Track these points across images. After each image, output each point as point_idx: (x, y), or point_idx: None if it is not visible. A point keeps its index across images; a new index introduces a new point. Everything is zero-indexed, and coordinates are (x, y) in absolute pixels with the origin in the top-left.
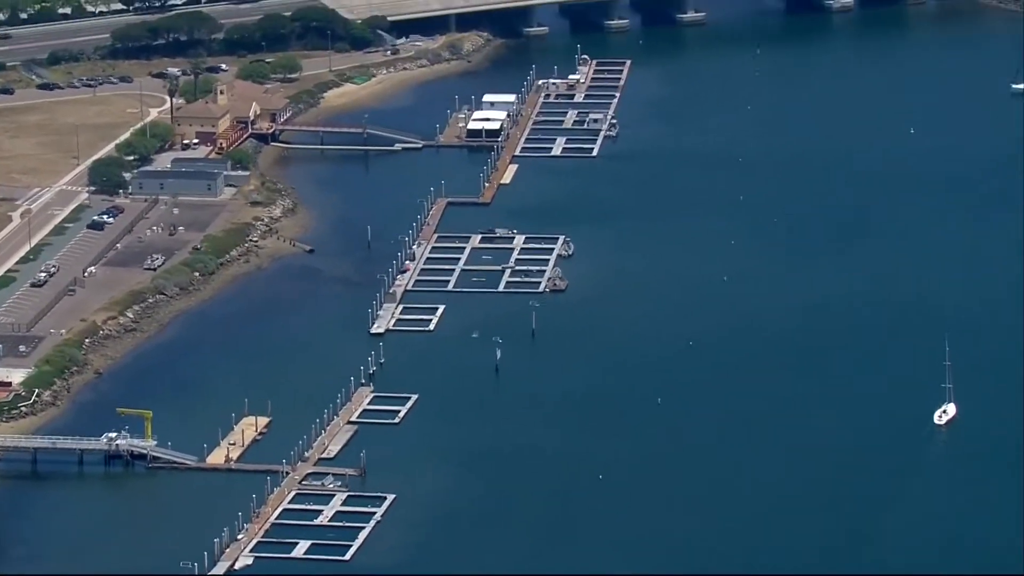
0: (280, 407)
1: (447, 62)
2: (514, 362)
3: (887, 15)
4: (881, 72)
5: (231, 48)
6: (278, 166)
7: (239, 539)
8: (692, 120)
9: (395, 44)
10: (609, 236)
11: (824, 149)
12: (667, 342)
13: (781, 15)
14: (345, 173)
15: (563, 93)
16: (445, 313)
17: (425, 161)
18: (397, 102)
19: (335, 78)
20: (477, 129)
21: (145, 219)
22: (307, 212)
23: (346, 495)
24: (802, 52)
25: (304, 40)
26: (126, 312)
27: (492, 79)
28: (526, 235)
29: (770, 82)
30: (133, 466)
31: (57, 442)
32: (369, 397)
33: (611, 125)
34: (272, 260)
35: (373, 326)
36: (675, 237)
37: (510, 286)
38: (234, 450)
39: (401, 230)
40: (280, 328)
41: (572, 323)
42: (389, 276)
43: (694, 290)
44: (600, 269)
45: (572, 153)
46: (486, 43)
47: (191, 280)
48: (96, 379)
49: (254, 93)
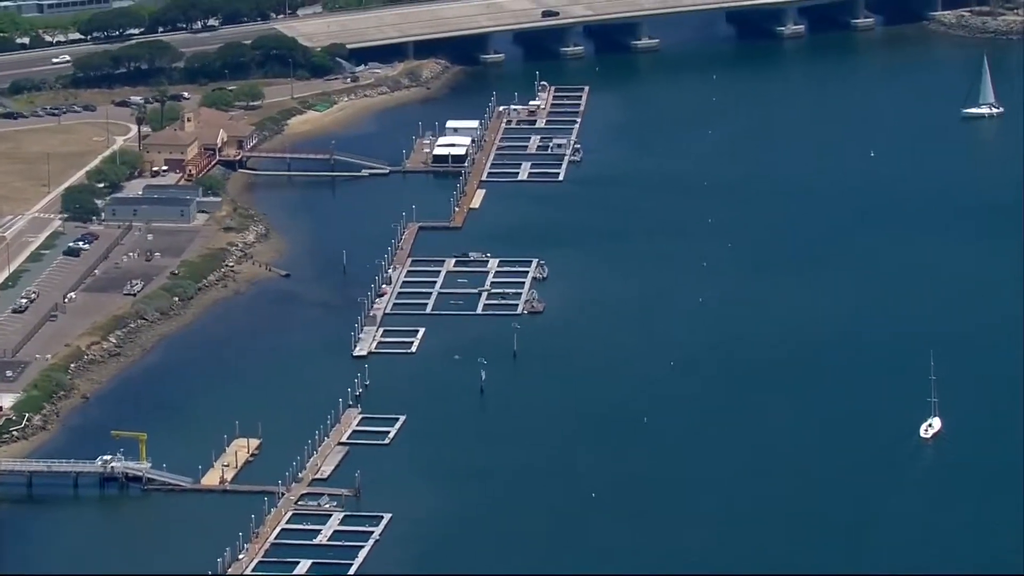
0: (270, 429)
1: (407, 89)
2: (498, 383)
3: (836, 40)
4: (834, 97)
5: (192, 76)
6: (247, 192)
7: (240, 559)
8: (654, 145)
9: (354, 71)
10: (582, 259)
11: (789, 172)
12: (648, 362)
13: (733, 41)
14: (314, 199)
15: (525, 119)
16: (426, 336)
17: (392, 187)
18: (360, 128)
19: (297, 105)
20: (443, 155)
21: (120, 245)
22: (280, 237)
23: (343, 515)
24: (757, 78)
25: (264, 68)
26: (109, 337)
27: (452, 106)
28: (499, 259)
29: (728, 107)
30: (128, 488)
31: (52, 465)
32: (357, 418)
33: (575, 150)
34: (249, 285)
35: (355, 349)
36: (647, 260)
37: (488, 308)
38: (228, 471)
39: (375, 255)
40: (263, 351)
41: (552, 344)
42: (368, 299)
43: (671, 311)
44: (576, 291)
45: (538, 178)
46: (444, 70)
47: (171, 305)
48: (84, 403)
49: (220, 120)
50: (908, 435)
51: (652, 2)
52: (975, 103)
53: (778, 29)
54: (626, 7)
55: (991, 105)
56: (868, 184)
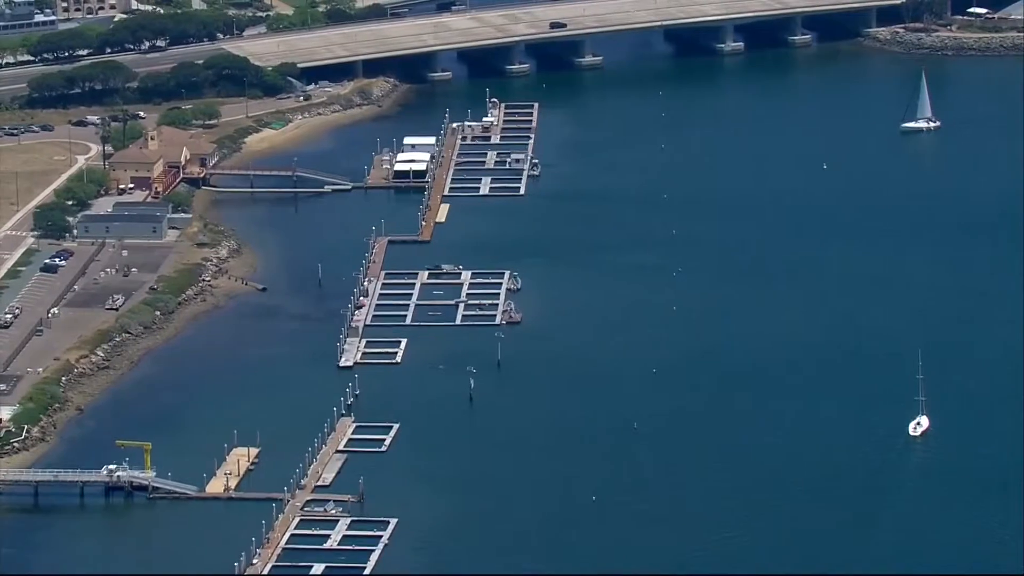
0: (267, 438)
1: (359, 107)
2: (485, 391)
3: (774, 57)
4: (777, 112)
5: (146, 96)
6: (213, 209)
7: (254, 563)
8: (609, 159)
9: (305, 90)
10: (552, 271)
11: (744, 185)
12: (631, 369)
13: (672, 58)
14: (279, 215)
15: (479, 135)
16: (408, 346)
17: (355, 202)
18: (316, 146)
19: (253, 124)
20: (404, 170)
21: (96, 261)
22: (252, 253)
23: (349, 520)
24: (701, 93)
25: (217, 87)
26: (96, 351)
27: (404, 123)
28: (472, 271)
29: (677, 122)
30: (133, 497)
31: (59, 475)
32: (352, 427)
33: (533, 165)
34: (227, 299)
35: (341, 359)
36: (617, 270)
37: (466, 319)
38: (231, 480)
39: (347, 268)
40: (250, 363)
41: (534, 353)
42: (349, 312)
43: (647, 320)
44: (551, 302)
45: (500, 192)
46: (394, 88)
47: (154, 319)
48: (79, 415)
49: (181, 139)
50: (897, 433)
51: (594, 20)
52: (913, 117)
53: (718, 46)
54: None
55: (929, 119)
56: (822, 196)
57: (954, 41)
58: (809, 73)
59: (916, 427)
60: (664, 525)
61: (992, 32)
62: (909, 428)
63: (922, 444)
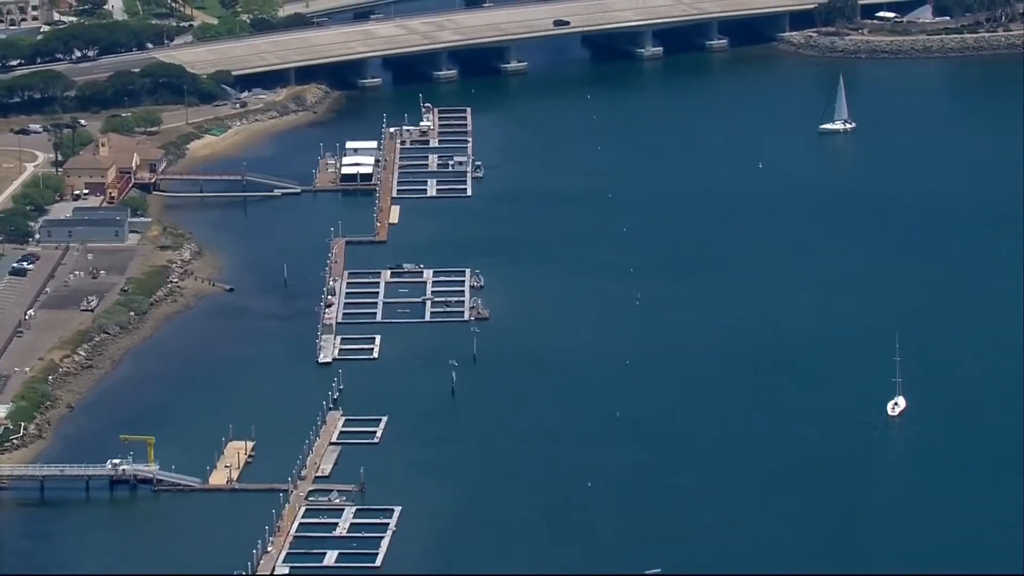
0: (261, 432)
1: (295, 113)
2: (465, 384)
3: (692, 62)
4: (701, 114)
5: (84, 104)
6: (166, 213)
7: (268, 551)
8: (549, 161)
9: (240, 97)
10: (511, 269)
11: (685, 185)
12: (604, 361)
13: (591, 63)
14: (233, 218)
15: (417, 139)
16: (383, 342)
17: (305, 205)
18: (258, 151)
19: (194, 130)
20: (351, 173)
21: (63, 265)
22: (213, 255)
23: (355, 508)
24: (627, 96)
25: (154, 95)
26: (78, 351)
27: (339, 128)
28: (434, 269)
29: (608, 125)
30: (137, 490)
31: (65, 469)
32: (342, 420)
33: (476, 167)
34: (197, 299)
35: (319, 356)
36: (575, 267)
37: (435, 316)
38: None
39: (309, 268)
40: (231, 360)
41: (507, 347)
42: (321, 310)
43: (613, 314)
44: (515, 298)
45: (447, 194)
46: (326, 95)
47: (129, 319)
48: (70, 412)
49: (130, 145)
50: (876, 414)
51: (517, 27)
52: (831, 119)
53: (637, 51)
54: (494, 32)
55: (845, 121)
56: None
57: (867, 44)
58: (728, 76)
59: (894, 407)
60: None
61: (903, 35)
62: (887, 408)
63: (900, 423)
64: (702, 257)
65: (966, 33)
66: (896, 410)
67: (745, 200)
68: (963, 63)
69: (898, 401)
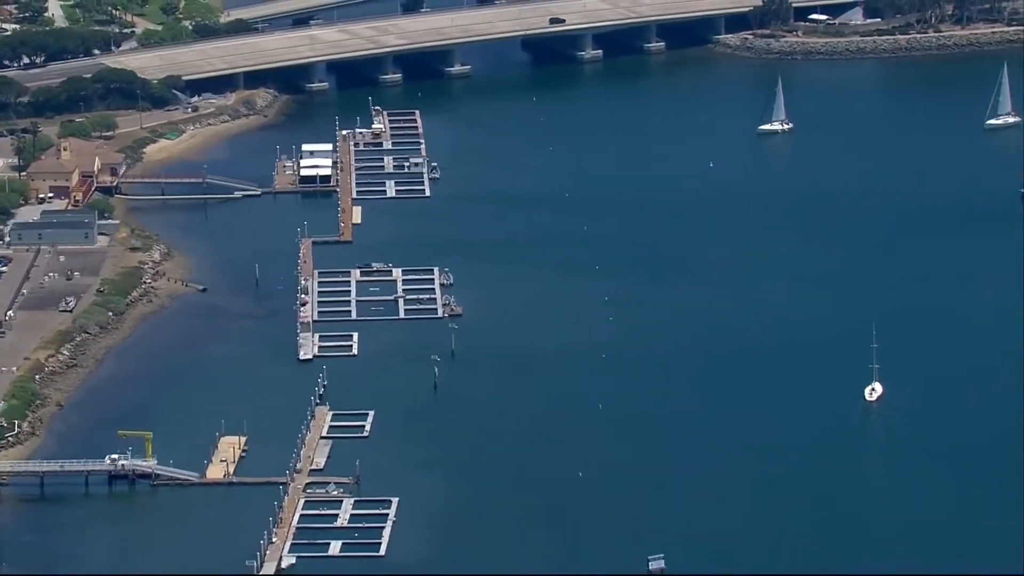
0: (251, 427)
1: (246, 117)
2: (446, 379)
3: (631, 64)
4: (646, 115)
5: (39, 110)
6: (130, 216)
7: (274, 542)
8: (503, 162)
9: (191, 102)
10: (478, 267)
11: (639, 184)
12: (580, 355)
13: (533, 66)
14: (196, 220)
15: (370, 141)
16: (361, 339)
17: (265, 206)
18: (214, 154)
19: (149, 134)
20: (310, 175)
21: (36, 267)
22: (183, 256)
23: (353, 500)
24: (570, 98)
25: (107, 100)
26: (62, 350)
27: (290, 131)
28: (402, 268)
29: (556, 126)
30: (136, 485)
31: (65, 465)
32: (330, 415)
33: (432, 168)
34: (171, 299)
35: (300, 353)
36: (541, 265)
37: (409, 313)
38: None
39: (278, 268)
40: (212, 358)
41: (484, 343)
42: (298, 309)
43: (583, 309)
44: (485, 295)
45: (406, 194)
46: (275, 99)
47: (108, 319)
48: (60, 410)
49: (90, 149)
50: (855, 399)
51: (459, 31)
52: (769, 120)
53: (578, 54)
54: (437, 36)
55: (783, 121)
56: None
57: (802, 46)
58: (667, 78)
59: (871, 392)
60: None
61: (836, 37)
62: (865, 393)
63: (878, 407)
64: (665, 255)
65: (898, 34)
66: (874, 395)
67: (698, 199)
68: (896, 63)
69: (875, 387)
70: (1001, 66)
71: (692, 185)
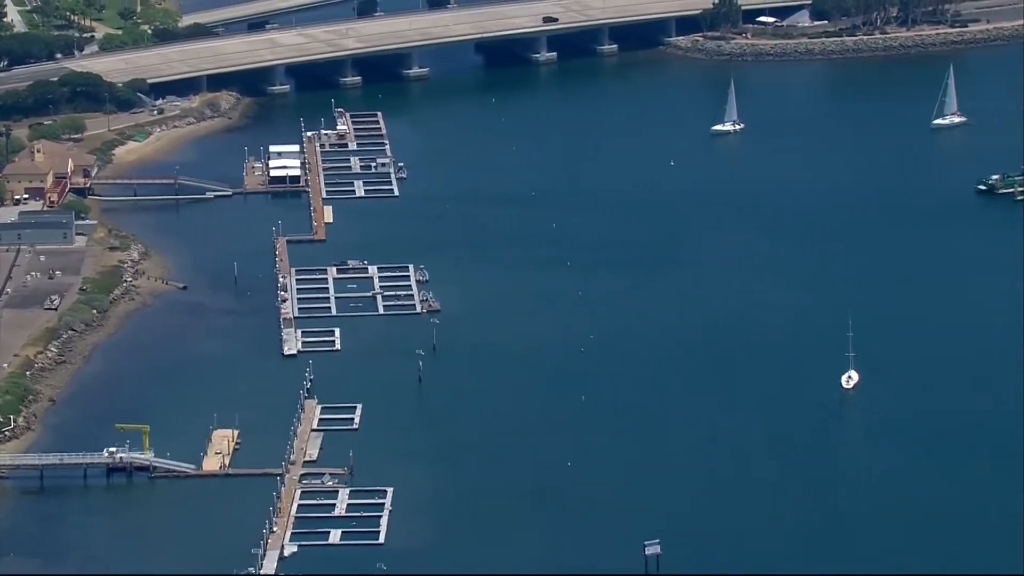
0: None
1: (211, 119)
2: (430, 373)
3: (585, 66)
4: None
5: (6, 113)
6: (104, 216)
7: (274, 531)
8: (468, 162)
9: (155, 104)
10: (451, 264)
11: (602, 183)
12: (560, 348)
13: (488, 69)
14: (169, 220)
15: (335, 143)
16: (343, 335)
17: (236, 207)
18: (182, 156)
19: (117, 137)
20: (280, 176)
21: (17, 266)
22: (160, 255)
23: (348, 490)
24: (528, 99)
25: (73, 103)
26: (50, 347)
27: (255, 133)
28: (378, 265)
29: (516, 126)
30: (133, 477)
31: (64, 458)
32: (319, 408)
33: (398, 168)
34: (153, 297)
35: (285, 348)
36: (514, 261)
37: (388, 308)
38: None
39: (255, 266)
40: (199, 353)
41: (464, 337)
42: (279, 305)
43: (558, 304)
44: (461, 291)
45: (376, 194)
46: (238, 101)
47: (92, 317)
48: (52, 405)
49: (62, 151)
50: (832, 386)
51: (417, 34)
52: (722, 120)
53: (532, 56)
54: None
55: (734, 122)
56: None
57: (752, 48)
58: (621, 80)
59: (848, 380)
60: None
61: (785, 39)
62: (842, 381)
63: (855, 394)
64: (634, 251)
65: (845, 36)
66: (850, 383)
67: (661, 196)
68: (844, 64)
69: (851, 374)
70: (947, 67)
71: (654, 183)
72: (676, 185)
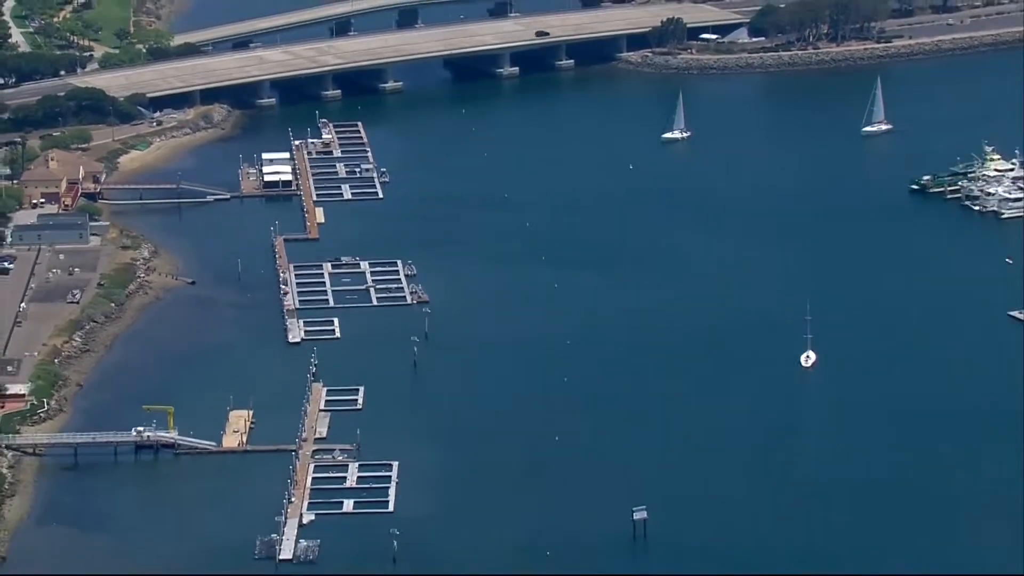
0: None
1: (205, 130)
2: (424, 359)
3: (545, 81)
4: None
5: (18, 125)
6: (114, 218)
7: (292, 501)
8: (444, 167)
9: (154, 117)
10: (436, 259)
11: (569, 185)
12: (544, 339)
13: (456, 83)
14: (173, 222)
15: (321, 150)
16: (341, 324)
17: (233, 209)
18: (181, 163)
19: (121, 146)
20: (274, 181)
21: (39, 264)
22: (168, 254)
23: (357, 464)
24: (494, 111)
25: (79, 116)
26: (74, 337)
27: (247, 142)
28: (369, 261)
29: (487, 135)
30: (159, 453)
31: (96, 437)
32: (324, 391)
33: (381, 173)
34: (164, 292)
35: (289, 336)
36: (493, 257)
37: (381, 300)
38: (240, 436)
39: (256, 263)
40: (210, 342)
41: (452, 326)
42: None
43: (538, 297)
44: (448, 284)
45: (362, 197)
46: (229, 113)
47: (111, 309)
48: (80, 389)
49: (73, 159)
50: (792, 365)
51: (391, 51)
52: (671, 128)
53: (496, 71)
54: (371, 56)
55: (682, 130)
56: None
57: (697, 62)
58: (579, 92)
59: (807, 359)
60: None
61: (727, 54)
62: (800, 360)
63: (813, 372)
64: (603, 246)
65: (781, 51)
66: (809, 362)
67: (623, 197)
68: (780, 77)
69: (809, 354)
70: (875, 79)
71: (615, 185)
72: (633, 187)
